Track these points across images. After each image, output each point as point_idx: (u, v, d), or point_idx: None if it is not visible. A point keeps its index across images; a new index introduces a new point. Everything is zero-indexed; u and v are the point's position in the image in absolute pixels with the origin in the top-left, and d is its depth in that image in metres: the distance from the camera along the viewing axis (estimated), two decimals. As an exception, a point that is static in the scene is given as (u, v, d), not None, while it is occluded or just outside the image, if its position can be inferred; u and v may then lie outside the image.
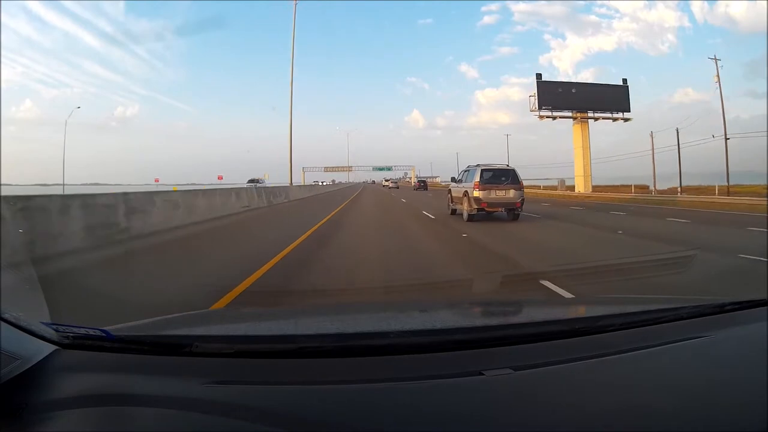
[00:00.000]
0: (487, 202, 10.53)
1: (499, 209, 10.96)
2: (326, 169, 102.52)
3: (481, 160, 11.57)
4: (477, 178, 10.76)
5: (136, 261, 5.73)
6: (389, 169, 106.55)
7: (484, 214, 10.77)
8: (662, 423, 0.82)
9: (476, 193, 10.59)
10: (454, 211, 12.46)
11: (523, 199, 10.98)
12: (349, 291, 4.22)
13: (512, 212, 10.97)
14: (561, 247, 7.20)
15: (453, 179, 13.11)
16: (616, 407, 0.87)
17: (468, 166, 12.24)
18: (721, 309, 1.32)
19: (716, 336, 1.16)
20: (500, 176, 10.99)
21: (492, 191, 10.65)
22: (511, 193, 10.75)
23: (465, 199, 11.03)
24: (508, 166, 11.68)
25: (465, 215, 11.01)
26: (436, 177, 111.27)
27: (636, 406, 0.86)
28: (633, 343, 1.10)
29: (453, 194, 12.63)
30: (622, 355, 1.05)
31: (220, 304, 3.37)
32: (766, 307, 1.31)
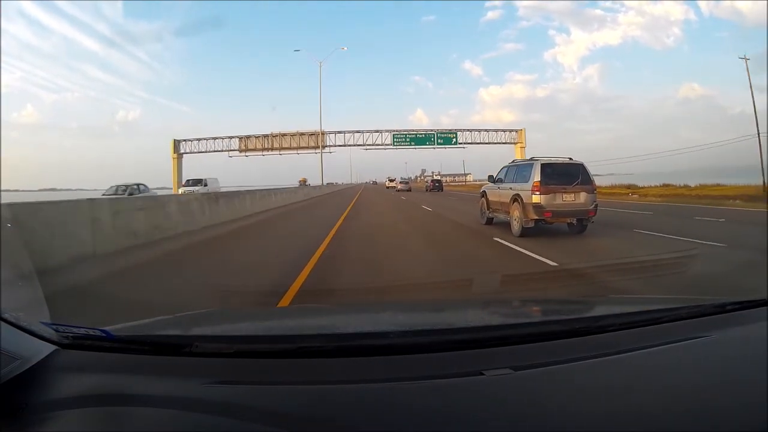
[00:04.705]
0: (551, 211, 7.73)
1: (567, 220, 8.13)
2: (240, 143, 42.59)
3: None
4: (537, 177, 7.85)
5: None
6: (451, 139, 42.32)
7: (535, 226, 7.92)
8: (662, 423, 0.82)
9: (536, 198, 7.75)
10: (490, 221, 9.66)
11: (596, 206, 8.06)
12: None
13: (580, 223, 8.14)
14: None
15: (490, 178, 10.03)
16: (616, 407, 0.87)
17: (514, 161, 9.34)
18: (721, 309, 1.32)
19: (716, 336, 1.16)
20: (567, 174, 8.04)
21: (558, 195, 7.82)
22: (582, 197, 7.89)
23: (515, 205, 8.19)
24: (571, 159, 8.53)
25: (515, 228, 8.08)
26: (461, 175, 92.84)
27: (636, 406, 0.86)
28: (633, 343, 1.10)
29: (491, 198, 9.63)
30: (622, 355, 1.05)
31: None
32: (766, 307, 1.31)
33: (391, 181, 60.27)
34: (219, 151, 44.24)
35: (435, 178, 56.47)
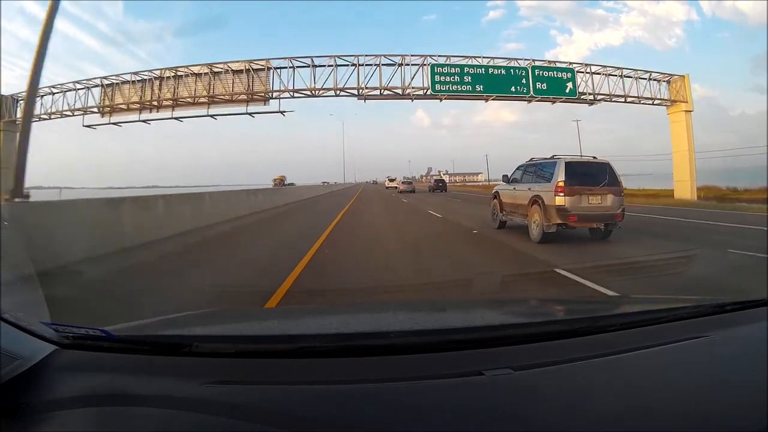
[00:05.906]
0: (577, 214, 7.00)
1: (594, 224, 7.41)
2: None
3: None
4: (561, 177, 7.13)
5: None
6: (564, 84, 19.27)
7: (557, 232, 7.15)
8: (662, 423, 0.82)
9: (559, 200, 7.04)
10: (503, 224, 9.03)
11: (623, 209, 7.36)
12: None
13: (606, 228, 7.45)
14: None
15: (504, 178, 9.29)
16: (616, 407, 0.87)
17: (532, 159, 8.60)
18: (721, 309, 1.32)
19: (716, 336, 1.16)
20: (592, 174, 7.34)
21: (584, 197, 7.11)
22: (610, 199, 7.20)
23: (535, 208, 7.49)
24: (595, 158, 7.92)
25: (535, 233, 7.41)
26: (473, 174, 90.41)
27: (636, 406, 0.86)
28: (633, 343, 1.10)
29: (504, 200, 8.95)
30: (623, 355, 1.05)
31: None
32: (766, 307, 1.31)
33: (391, 180, 52.26)
34: (73, 114, 23.10)
35: (438, 177, 54.03)
